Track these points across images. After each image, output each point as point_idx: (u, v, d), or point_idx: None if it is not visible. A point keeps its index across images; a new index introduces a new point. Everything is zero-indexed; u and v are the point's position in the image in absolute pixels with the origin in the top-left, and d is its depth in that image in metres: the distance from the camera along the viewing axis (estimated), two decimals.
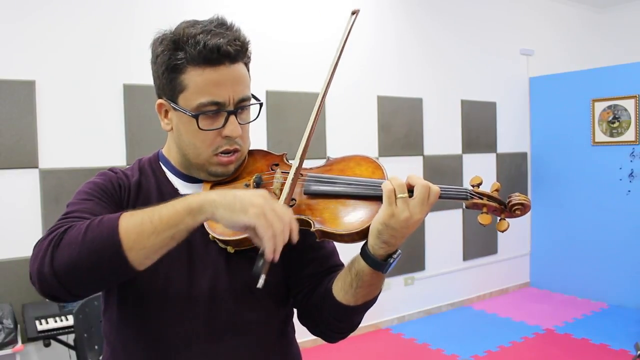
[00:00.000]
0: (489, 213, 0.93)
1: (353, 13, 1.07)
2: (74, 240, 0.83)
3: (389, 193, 0.89)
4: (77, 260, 0.82)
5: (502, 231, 0.93)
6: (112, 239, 0.82)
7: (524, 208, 0.92)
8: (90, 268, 0.83)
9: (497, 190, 0.94)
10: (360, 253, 0.94)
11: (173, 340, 1.01)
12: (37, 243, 0.87)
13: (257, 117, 1.08)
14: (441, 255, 4.81)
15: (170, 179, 1.10)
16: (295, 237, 0.85)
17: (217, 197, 0.84)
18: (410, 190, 0.90)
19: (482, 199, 0.93)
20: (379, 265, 0.92)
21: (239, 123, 1.01)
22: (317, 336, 1.11)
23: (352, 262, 0.97)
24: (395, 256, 0.92)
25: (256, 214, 0.81)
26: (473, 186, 0.95)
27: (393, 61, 4.51)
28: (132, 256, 0.83)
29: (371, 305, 1.03)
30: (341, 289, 0.99)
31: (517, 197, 0.93)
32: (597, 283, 5.03)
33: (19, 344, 2.56)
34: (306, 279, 1.10)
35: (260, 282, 0.83)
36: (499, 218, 0.94)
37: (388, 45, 4.48)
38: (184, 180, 1.09)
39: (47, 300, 2.86)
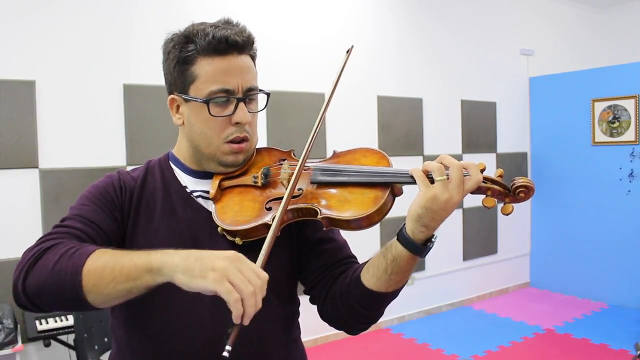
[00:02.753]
0: (493, 197, 0.94)
1: (348, 51, 1.09)
2: (46, 266, 0.87)
3: (421, 177, 0.90)
4: (44, 286, 0.87)
5: (507, 214, 0.93)
6: (74, 278, 0.85)
7: (527, 191, 0.93)
8: (54, 296, 0.87)
9: (500, 176, 0.95)
10: (398, 238, 0.95)
11: (177, 335, 1.02)
12: (26, 250, 0.93)
13: (265, 107, 1.12)
14: (441, 255, 4.81)
15: (179, 177, 1.12)
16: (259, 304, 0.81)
17: (178, 260, 0.82)
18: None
19: (486, 182, 0.94)
20: (419, 249, 0.93)
21: (248, 112, 1.05)
22: (339, 329, 1.11)
23: (387, 249, 0.98)
24: (433, 240, 0.95)
25: (215, 279, 0.78)
26: None
27: (393, 61, 4.51)
28: (90, 298, 0.86)
29: (396, 296, 1.04)
30: (373, 276, 1.00)
31: (520, 180, 0.93)
32: (597, 283, 5.03)
33: (19, 344, 2.56)
34: (320, 271, 1.11)
35: (225, 353, 0.78)
36: (503, 202, 0.95)
37: (388, 45, 4.48)
38: (195, 177, 1.11)
39: None
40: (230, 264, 0.79)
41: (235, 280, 0.78)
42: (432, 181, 0.90)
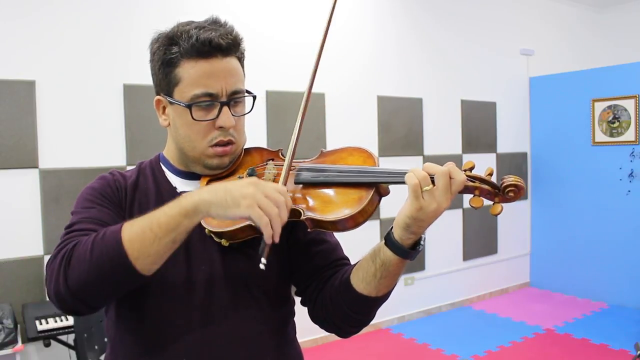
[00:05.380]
0: (482, 196, 0.91)
1: None
2: (83, 258, 0.87)
3: (415, 187, 0.87)
4: (89, 276, 0.87)
5: (496, 215, 0.90)
6: (118, 252, 0.86)
7: (517, 190, 0.89)
8: (102, 282, 0.87)
9: (490, 174, 0.92)
10: (386, 243, 0.94)
11: (168, 334, 1.02)
12: (48, 263, 0.92)
13: (251, 110, 1.10)
14: (441, 255, 4.81)
15: (169, 178, 1.12)
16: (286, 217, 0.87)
17: (209, 196, 0.87)
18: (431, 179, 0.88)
19: (474, 182, 0.90)
20: (408, 254, 0.93)
21: (233, 115, 1.03)
22: (330, 332, 1.10)
23: (376, 253, 0.96)
24: (422, 242, 0.93)
25: (248, 205, 0.84)
26: (465, 170, 0.91)
27: (393, 61, 4.51)
28: (139, 265, 0.87)
29: (387, 299, 1.03)
30: (362, 280, 0.99)
31: (510, 179, 0.89)
32: (597, 283, 5.03)
33: (19, 344, 2.56)
34: (311, 273, 1.10)
35: (262, 265, 0.85)
36: (492, 202, 0.91)
37: (388, 45, 4.48)
38: (183, 178, 1.11)
39: (47, 299, 2.87)
40: (256, 189, 0.85)
41: (264, 204, 0.84)
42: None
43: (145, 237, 0.86)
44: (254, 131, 1.13)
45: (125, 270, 0.87)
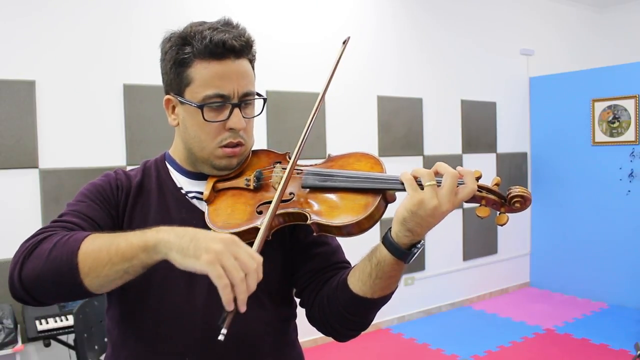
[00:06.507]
0: (488, 206, 0.91)
1: (344, 42, 1.08)
2: (42, 254, 0.87)
3: (409, 181, 0.88)
4: (40, 274, 0.86)
5: (502, 225, 0.90)
6: (70, 262, 0.85)
7: (523, 201, 0.89)
8: (51, 283, 0.87)
9: (497, 184, 0.92)
10: (383, 241, 0.93)
11: (170, 335, 1.02)
12: (22, 243, 0.93)
13: (261, 112, 1.10)
14: (441, 255, 4.81)
15: (174, 178, 1.12)
16: (253, 287, 0.80)
17: (173, 239, 0.82)
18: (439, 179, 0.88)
19: (481, 191, 0.90)
20: (402, 254, 0.91)
21: (243, 117, 1.03)
22: (327, 335, 1.09)
23: (373, 252, 0.96)
24: (419, 245, 0.92)
25: (207, 261, 0.77)
26: None
27: (393, 61, 4.51)
28: (87, 282, 0.85)
29: (385, 303, 1.01)
30: (359, 280, 0.98)
31: (516, 190, 0.89)
32: (597, 283, 5.03)
33: (19, 344, 2.56)
34: (310, 274, 1.10)
35: (221, 337, 0.77)
36: (498, 212, 0.91)
37: (388, 45, 4.48)
38: (190, 178, 1.11)
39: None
40: (225, 247, 0.79)
41: (228, 265, 0.77)
42: (421, 187, 0.88)
43: (100, 257, 0.84)
44: (254, 131, 1.13)
45: (72, 281, 0.85)
